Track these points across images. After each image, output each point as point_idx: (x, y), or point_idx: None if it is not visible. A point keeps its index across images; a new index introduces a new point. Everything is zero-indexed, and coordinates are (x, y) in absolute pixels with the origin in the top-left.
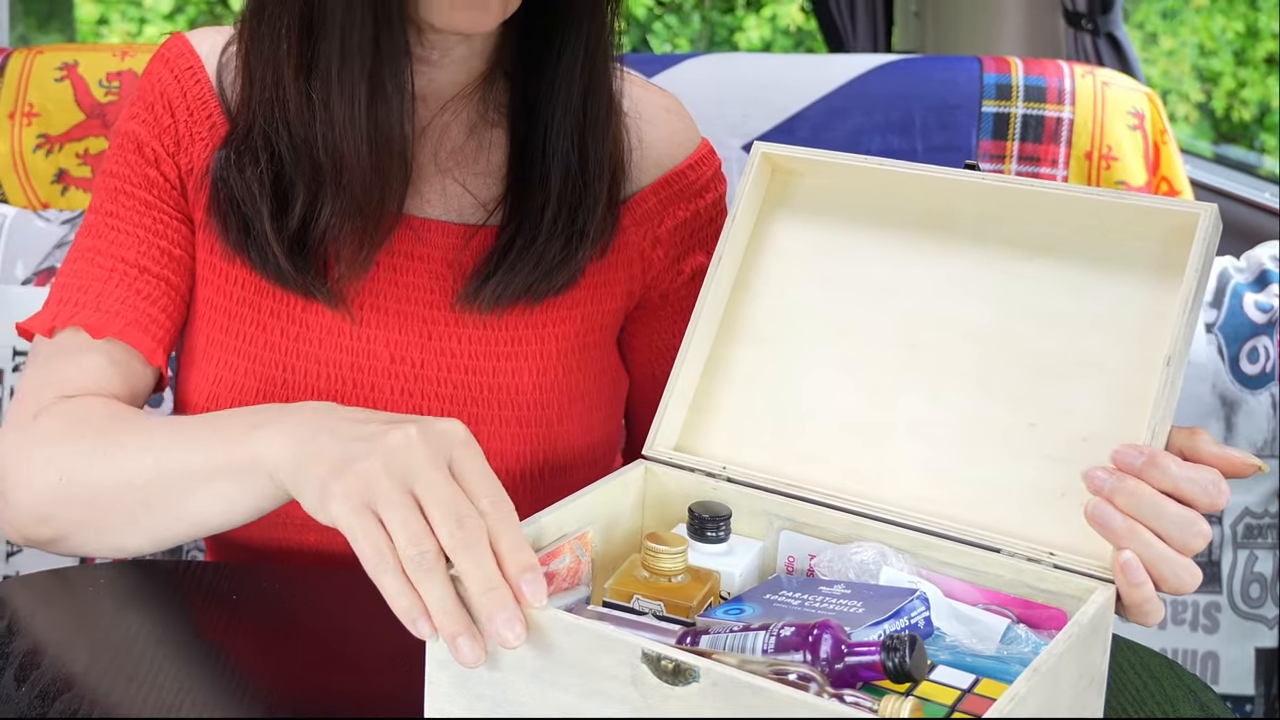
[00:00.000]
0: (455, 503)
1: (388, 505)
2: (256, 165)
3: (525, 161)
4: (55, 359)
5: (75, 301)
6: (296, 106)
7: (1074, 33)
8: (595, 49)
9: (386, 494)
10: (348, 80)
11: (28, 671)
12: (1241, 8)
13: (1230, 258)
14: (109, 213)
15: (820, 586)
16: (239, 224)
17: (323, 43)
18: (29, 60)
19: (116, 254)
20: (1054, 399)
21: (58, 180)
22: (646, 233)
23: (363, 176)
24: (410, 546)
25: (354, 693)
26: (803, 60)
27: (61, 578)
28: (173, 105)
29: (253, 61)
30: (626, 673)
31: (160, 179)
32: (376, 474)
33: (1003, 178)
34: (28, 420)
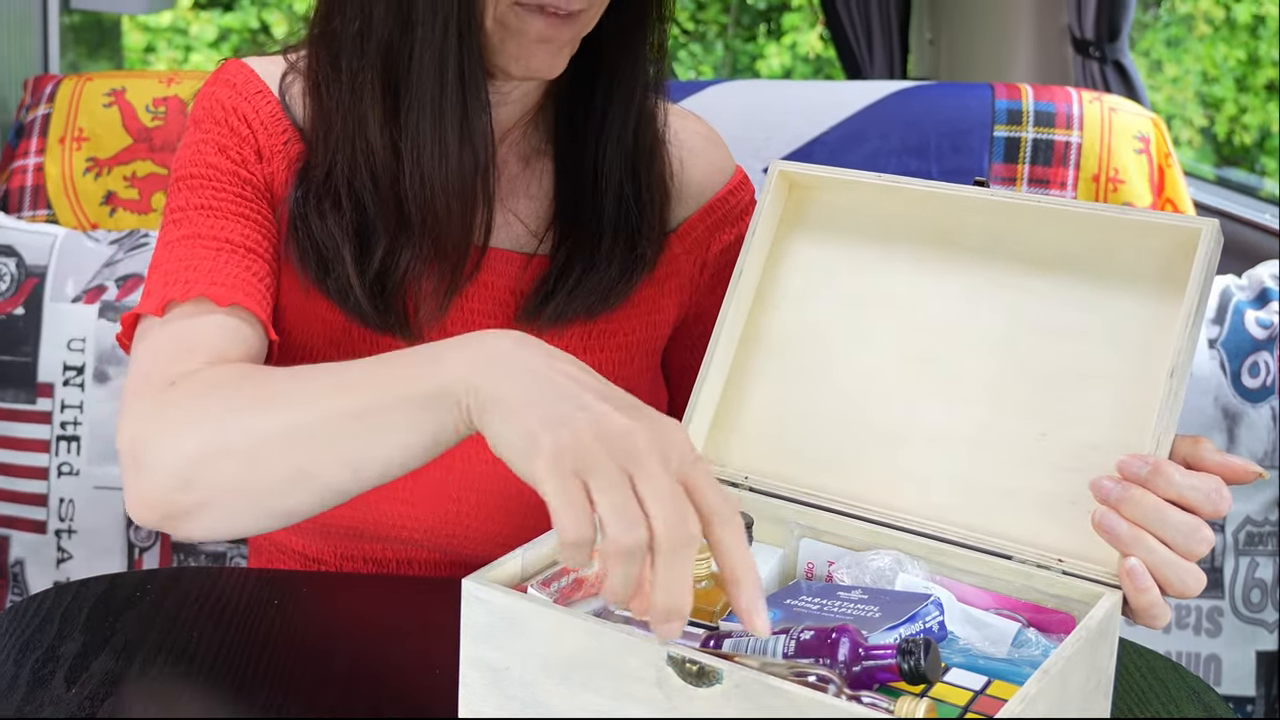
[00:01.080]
0: (677, 500)
1: (604, 482)
2: (339, 211)
3: (574, 188)
4: (176, 332)
5: (185, 280)
6: (383, 158)
7: (1082, 60)
8: (644, 82)
9: (603, 469)
10: (439, 137)
11: (77, 674)
12: (1243, 36)
13: (1232, 276)
14: (200, 206)
15: (838, 591)
16: (317, 263)
17: (411, 101)
18: (79, 87)
19: (220, 236)
20: (1063, 409)
21: (106, 202)
22: (696, 258)
23: (450, 222)
24: (623, 536)
25: (391, 695)
26: (822, 87)
27: (109, 583)
28: (248, 120)
29: (329, 108)
30: (652, 675)
31: (250, 178)
32: (593, 445)
33: (1011, 194)
34: (161, 387)
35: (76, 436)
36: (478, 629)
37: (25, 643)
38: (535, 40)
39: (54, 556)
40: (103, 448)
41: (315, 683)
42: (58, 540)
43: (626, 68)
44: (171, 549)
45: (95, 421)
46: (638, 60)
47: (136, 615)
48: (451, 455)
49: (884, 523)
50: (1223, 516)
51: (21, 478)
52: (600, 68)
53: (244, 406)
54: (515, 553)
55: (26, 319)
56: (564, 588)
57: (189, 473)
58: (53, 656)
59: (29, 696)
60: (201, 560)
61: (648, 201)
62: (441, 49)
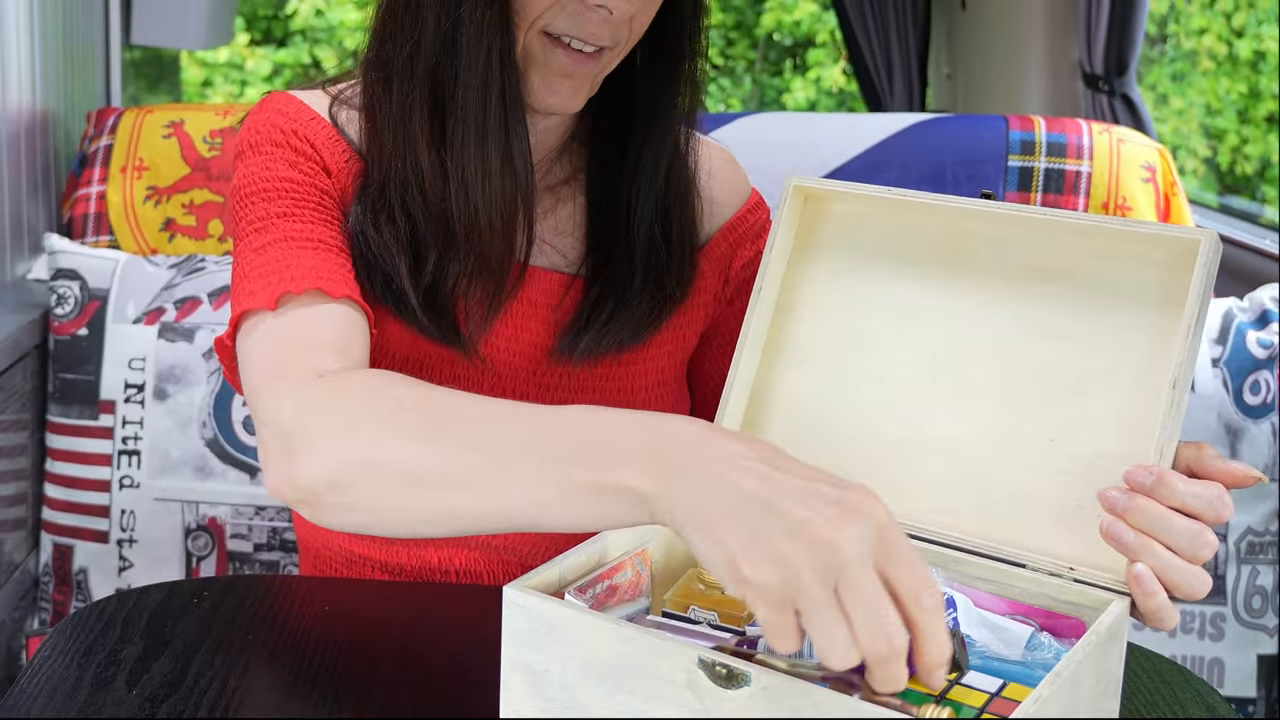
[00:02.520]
0: (882, 611)
1: (814, 609)
2: (393, 225)
3: (606, 226)
4: (294, 323)
5: (293, 275)
6: (431, 176)
7: (1092, 94)
8: (678, 121)
9: (813, 597)
10: (481, 155)
11: (138, 676)
12: (1245, 71)
13: (1234, 299)
14: (283, 214)
15: None
16: (381, 277)
17: (456, 124)
18: (139, 119)
19: (312, 236)
20: (1070, 416)
21: (165, 228)
22: (719, 275)
23: (492, 239)
24: (837, 660)
25: (435, 696)
26: (845, 119)
27: (170, 591)
28: (309, 140)
29: (381, 128)
30: (684, 677)
31: (325, 188)
32: (800, 569)
33: (1018, 206)
34: (309, 378)
35: (137, 451)
36: (518, 634)
37: (89, 646)
38: (557, 74)
39: (116, 565)
40: (162, 461)
41: (363, 685)
42: (119, 549)
43: (661, 107)
44: (227, 558)
45: (154, 436)
46: (672, 100)
47: (194, 620)
48: None
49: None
50: (1225, 522)
51: (85, 490)
52: (634, 105)
53: (410, 430)
54: (554, 561)
55: (90, 339)
56: (599, 594)
57: (346, 478)
58: (115, 660)
59: (92, 698)
60: (256, 569)
61: (678, 241)
62: (485, 74)
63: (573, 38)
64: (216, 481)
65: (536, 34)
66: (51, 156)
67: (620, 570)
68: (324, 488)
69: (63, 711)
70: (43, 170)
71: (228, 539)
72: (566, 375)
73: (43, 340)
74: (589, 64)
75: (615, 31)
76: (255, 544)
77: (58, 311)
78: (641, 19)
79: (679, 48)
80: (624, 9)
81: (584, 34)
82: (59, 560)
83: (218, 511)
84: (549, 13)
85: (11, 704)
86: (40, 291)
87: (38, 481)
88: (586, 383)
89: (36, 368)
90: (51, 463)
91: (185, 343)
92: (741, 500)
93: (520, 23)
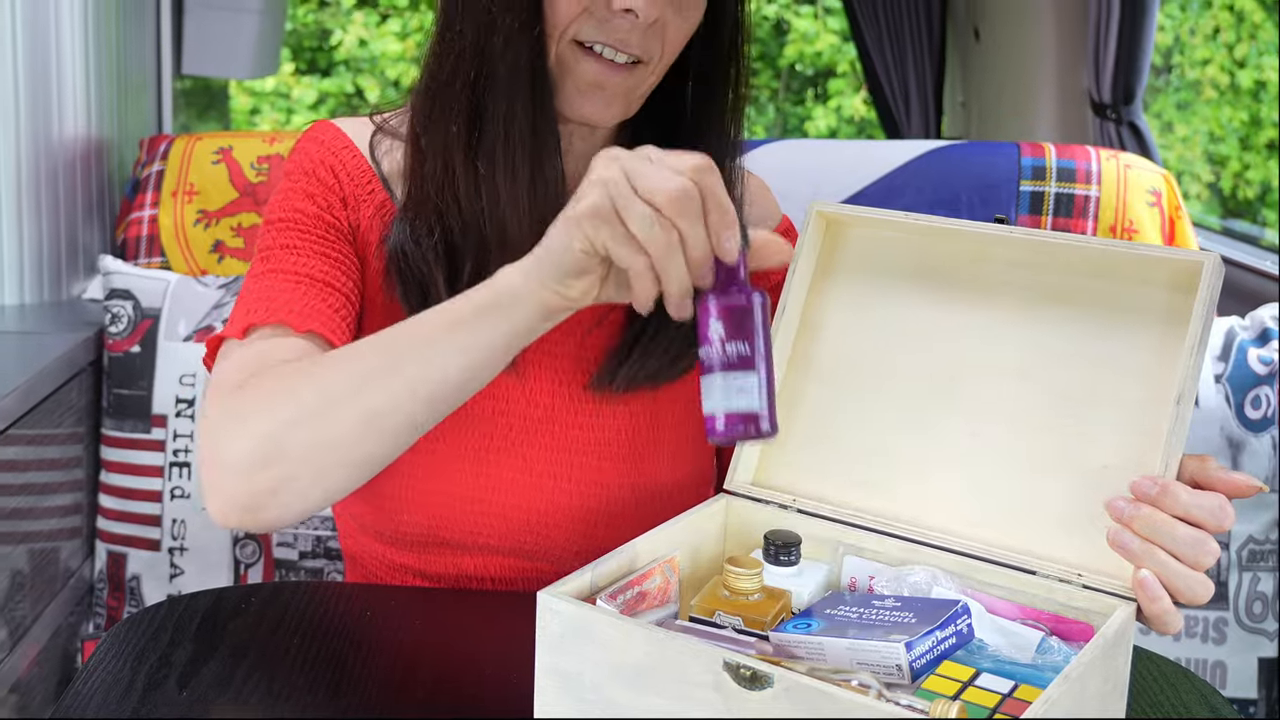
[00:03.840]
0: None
1: (625, 209)
2: (431, 235)
3: None
4: (253, 352)
5: (266, 307)
6: (466, 185)
7: (1100, 121)
8: (721, 155)
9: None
10: (511, 163)
11: (188, 678)
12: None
13: (1236, 317)
14: (284, 245)
15: (873, 601)
16: (418, 289)
17: (488, 131)
18: (190, 146)
19: (301, 271)
20: (1079, 430)
21: (214, 250)
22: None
23: (523, 244)
24: (652, 244)
25: (471, 697)
26: (864, 145)
27: (219, 597)
28: (335, 171)
29: (425, 144)
30: (710, 679)
31: (335, 222)
32: (602, 200)
33: (1029, 230)
34: (231, 389)
35: (187, 463)
36: (552, 638)
37: (141, 650)
38: (589, 84)
39: (167, 572)
40: None
41: (403, 687)
42: (170, 557)
43: (710, 134)
44: (274, 565)
45: None
46: (720, 127)
47: (242, 625)
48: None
49: (919, 540)
50: (1227, 530)
51: (138, 500)
52: (679, 133)
53: (307, 376)
54: (586, 568)
55: (143, 356)
56: (629, 600)
57: (264, 450)
58: (166, 662)
59: (144, 699)
60: (301, 575)
61: None
62: (515, 81)
63: (603, 45)
64: None
65: (568, 44)
66: (106, 182)
67: (649, 577)
68: (251, 473)
69: (117, 712)
70: (98, 195)
71: (274, 547)
72: (604, 398)
73: (97, 357)
74: (620, 74)
75: (645, 41)
76: (300, 552)
77: (112, 330)
78: (673, 34)
79: (722, 74)
80: (649, 12)
81: (613, 40)
82: (113, 567)
83: None
84: (578, 21)
85: (68, 705)
86: (95, 311)
87: (93, 492)
88: (621, 406)
89: (91, 383)
90: (106, 474)
91: None
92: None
93: (551, 32)
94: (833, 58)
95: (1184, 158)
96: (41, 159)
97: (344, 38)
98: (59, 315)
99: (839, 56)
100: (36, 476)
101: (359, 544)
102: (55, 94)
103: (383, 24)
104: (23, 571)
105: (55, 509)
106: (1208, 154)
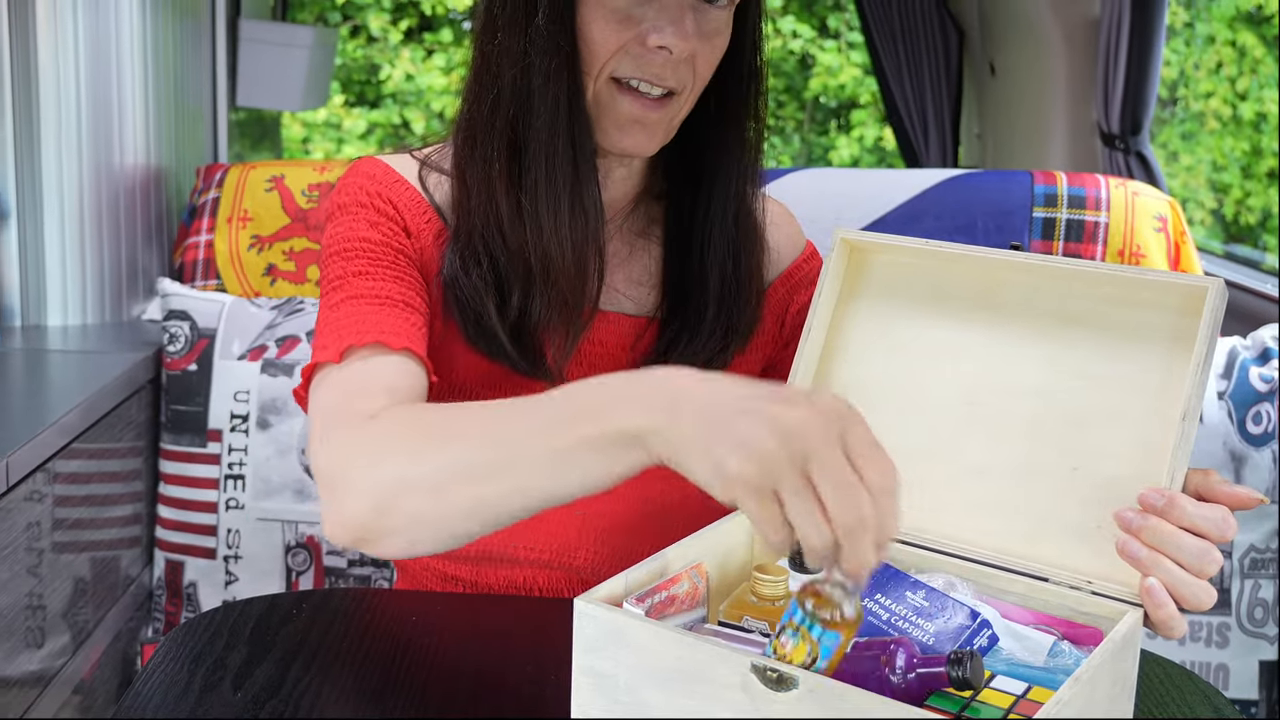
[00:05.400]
0: (849, 485)
1: (790, 492)
2: (479, 267)
3: (682, 272)
4: (355, 373)
5: (359, 330)
6: (509, 218)
7: (1109, 151)
8: (741, 176)
9: (788, 480)
10: (554, 197)
11: (242, 680)
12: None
13: (1238, 337)
14: (358, 272)
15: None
16: (474, 318)
17: (529, 165)
18: (244, 174)
19: (380, 294)
20: (1090, 446)
21: (267, 273)
22: (776, 318)
23: (566, 275)
24: (813, 538)
25: (512, 698)
26: (885, 174)
27: (271, 603)
28: (393, 202)
29: (468, 178)
30: (738, 681)
31: (402, 248)
32: (775, 456)
33: (1043, 257)
34: (360, 420)
35: (241, 475)
36: (588, 641)
37: (198, 654)
38: (628, 119)
39: (222, 579)
40: (264, 485)
41: (447, 688)
42: (225, 565)
43: (726, 166)
44: (323, 573)
45: (257, 462)
46: (736, 159)
47: (293, 630)
48: None
49: (938, 549)
50: (1229, 540)
51: (194, 511)
52: (703, 168)
53: (432, 443)
54: (620, 575)
55: (199, 374)
56: (657, 603)
57: (384, 501)
58: (221, 665)
59: (200, 699)
60: (350, 583)
61: (746, 279)
62: (555, 120)
63: (640, 80)
64: (313, 503)
65: (605, 81)
66: (164, 208)
67: (678, 582)
68: (369, 515)
69: (174, 712)
70: (156, 221)
71: (324, 555)
72: None
73: (156, 375)
74: (658, 109)
75: (679, 73)
76: (349, 560)
77: (170, 349)
78: (703, 63)
79: (744, 105)
80: (683, 48)
81: (649, 75)
82: (171, 575)
83: (315, 530)
84: (614, 59)
85: (128, 705)
86: (154, 331)
87: (152, 503)
88: None
89: (150, 400)
90: (164, 486)
91: (285, 377)
92: (727, 413)
93: (588, 70)
94: (855, 90)
95: (1189, 185)
96: (103, 187)
97: (391, 72)
98: (120, 335)
99: (861, 89)
100: (99, 488)
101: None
102: (117, 125)
103: (428, 59)
104: (86, 578)
105: (116, 519)
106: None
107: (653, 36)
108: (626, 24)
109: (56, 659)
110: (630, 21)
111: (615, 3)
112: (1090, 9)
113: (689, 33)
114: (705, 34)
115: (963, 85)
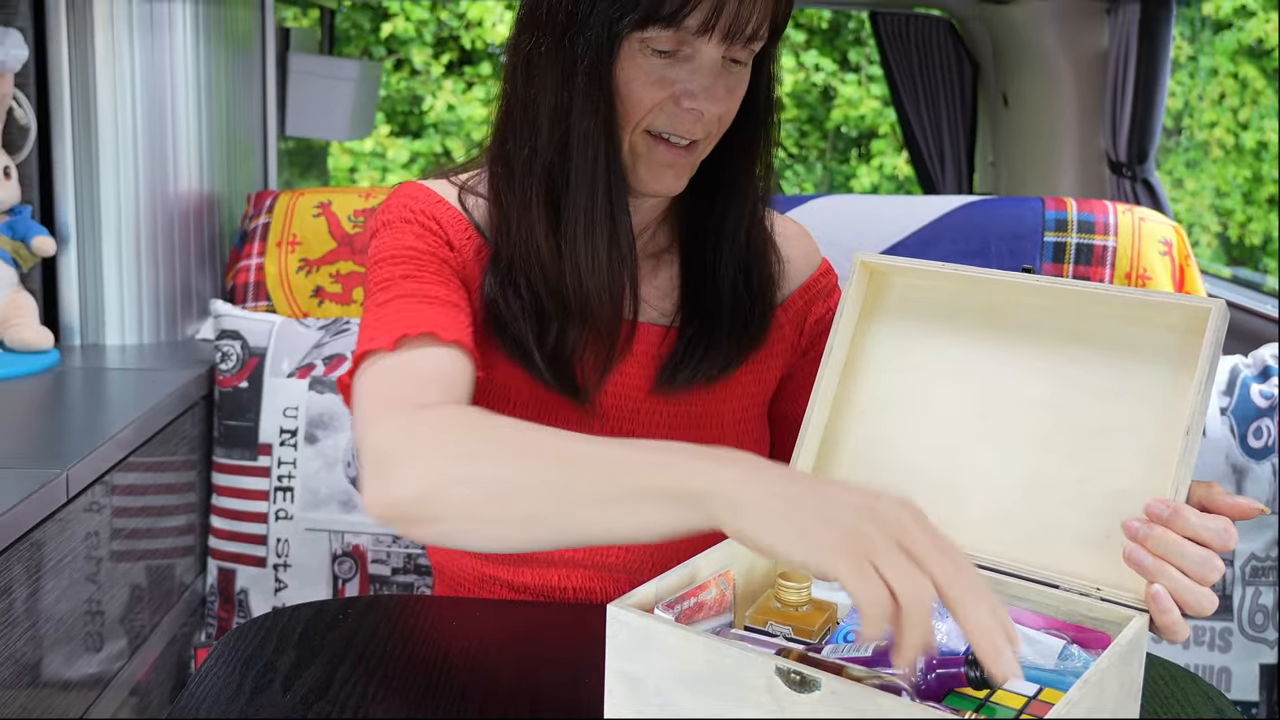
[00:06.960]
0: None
1: (888, 562)
2: (519, 299)
3: (697, 282)
4: (406, 361)
5: (410, 322)
6: (549, 259)
7: (1116, 179)
8: (754, 195)
9: (886, 552)
10: (590, 240)
11: (291, 682)
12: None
13: (1240, 356)
14: (406, 275)
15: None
16: (512, 339)
17: (566, 212)
18: (293, 200)
19: (429, 293)
20: (1098, 459)
21: (315, 295)
22: (796, 328)
23: (602, 312)
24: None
25: (547, 700)
26: (903, 200)
27: (319, 609)
28: (436, 219)
29: (506, 207)
30: (763, 683)
31: (448, 259)
32: (873, 535)
33: (1052, 279)
34: (412, 408)
35: (291, 487)
36: (619, 645)
37: (248, 657)
38: (661, 165)
39: (272, 586)
40: (311, 497)
41: (486, 690)
42: (275, 573)
43: (740, 185)
44: (369, 580)
45: (305, 475)
46: (750, 179)
47: (339, 634)
48: None
49: None
50: (1231, 549)
51: (246, 521)
52: (718, 185)
53: (502, 449)
54: (652, 581)
55: (249, 391)
56: (686, 609)
57: (432, 490)
58: (271, 668)
59: (251, 701)
60: (393, 589)
61: (758, 292)
62: (593, 172)
63: (671, 134)
64: (359, 514)
65: (640, 134)
66: (217, 233)
67: (706, 589)
68: (414, 500)
69: (226, 713)
70: (209, 245)
71: (369, 564)
72: (664, 413)
73: (209, 392)
74: (687, 155)
75: (707, 127)
76: (393, 568)
77: (222, 367)
78: (728, 115)
79: (757, 137)
80: (713, 109)
81: (680, 130)
82: (223, 582)
83: (360, 540)
84: (649, 115)
85: (182, 706)
86: (207, 350)
87: (205, 514)
88: (681, 419)
89: (203, 415)
90: (217, 498)
91: (332, 394)
92: (798, 495)
93: (625, 124)
94: (875, 121)
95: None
96: (159, 212)
97: (434, 103)
98: (174, 354)
99: (880, 120)
100: (154, 500)
101: (448, 556)
102: (171, 154)
103: (468, 91)
104: (142, 585)
105: (171, 529)
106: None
107: (686, 100)
108: (661, 85)
109: (114, 662)
110: (665, 82)
111: (651, 64)
112: (1099, 43)
113: (720, 95)
114: (731, 89)
115: (977, 116)
